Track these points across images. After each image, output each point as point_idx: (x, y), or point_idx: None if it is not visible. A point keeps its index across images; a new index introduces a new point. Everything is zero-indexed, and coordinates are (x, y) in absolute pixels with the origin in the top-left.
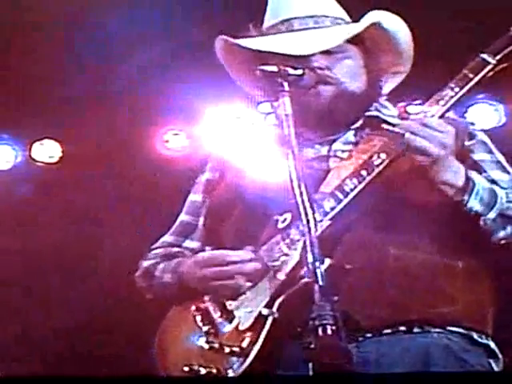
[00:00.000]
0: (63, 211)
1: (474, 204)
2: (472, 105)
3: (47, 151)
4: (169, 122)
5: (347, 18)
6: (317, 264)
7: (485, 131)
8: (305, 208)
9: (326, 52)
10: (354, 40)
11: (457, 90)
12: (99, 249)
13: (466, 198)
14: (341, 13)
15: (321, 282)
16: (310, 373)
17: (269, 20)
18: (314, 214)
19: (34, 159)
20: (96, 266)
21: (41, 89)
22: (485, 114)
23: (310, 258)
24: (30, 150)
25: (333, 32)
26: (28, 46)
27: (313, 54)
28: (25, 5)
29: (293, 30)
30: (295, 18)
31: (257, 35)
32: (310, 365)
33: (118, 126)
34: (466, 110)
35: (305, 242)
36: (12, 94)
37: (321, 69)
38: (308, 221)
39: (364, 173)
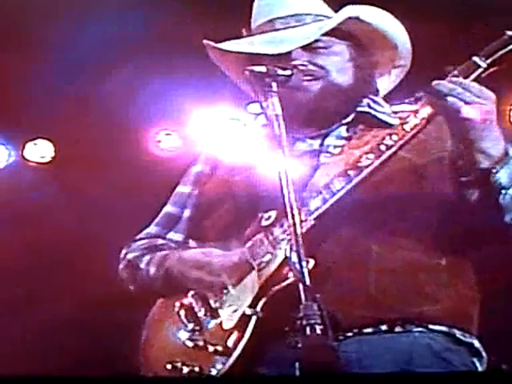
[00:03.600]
0: (56, 211)
1: (503, 176)
2: None
3: (40, 151)
4: (161, 123)
5: (332, 15)
6: (303, 264)
7: None
8: (291, 208)
9: (308, 48)
10: (340, 35)
11: None
12: (92, 248)
13: (497, 168)
14: (324, 10)
15: (307, 282)
16: (297, 372)
17: (254, 21)
18: (300, 213)
19: (26, 159)
20: (90, 265)
21: (34, 89)
22: None
23: (294, 258)
24: (23, 149)
25: (309, 28)
26: (22, 46)
27: (290, 52)
28: (20, 4)
29: (275, 30)
30: (277, 18)
31: (244, 36)
32: (297, 364)
33: (110, 126)
34: None
35: (290, 241)
36: (5, 93)
37: (303, 65)
38: (294, 220)
39: (351, 173)
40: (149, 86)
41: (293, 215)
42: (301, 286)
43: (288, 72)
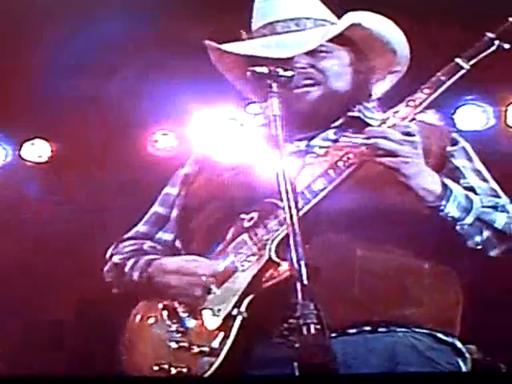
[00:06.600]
0: (53, 211)
1: (452, 209)
2: (460, 106)
3: (37, 151)
4: (158, 123)
5: (333, 19)
6: (301, 263)
7: (473, 132)
8: (289, 207)
9: (309, 52)
10: (340, 41)
11: (428, 92)
12: (88, 247)
13: (443, 203)
14: (325, 14)
15: (305, 281)
16: (296, 372)
17: (255, 24)
18: (298, 212)
19: (23, 159)
20: (85, 264)
21: (32, 88)
22: (473, 116)
23: (293, 257)
24: (20, 149)
25: (313, 34)
26: (19, 46)
27: (293, 57)
28: (17, 4)
29: (276, 33)
30: (277, 21)
31: (245, 38)
32: (296, 364)
33: (107, 125)
34: (454, 112)
35: (288, 241)
36: (2, 93)
37: (304, 68)
38: (292, 220)
39: (333, 173)
40: (146, 86)
41: (291, 214)
42: (299, 286)
43: (289, 73)
